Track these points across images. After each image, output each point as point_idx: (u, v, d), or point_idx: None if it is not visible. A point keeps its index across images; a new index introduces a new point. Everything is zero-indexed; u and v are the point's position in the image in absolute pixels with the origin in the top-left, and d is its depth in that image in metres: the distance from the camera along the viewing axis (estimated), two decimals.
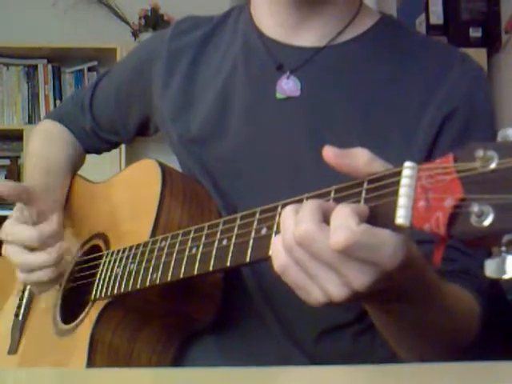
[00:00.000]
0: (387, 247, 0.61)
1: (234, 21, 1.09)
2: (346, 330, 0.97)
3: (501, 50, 3.31)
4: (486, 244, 0.56)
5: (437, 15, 3.33)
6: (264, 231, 0.71)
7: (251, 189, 0.98)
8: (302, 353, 0.97)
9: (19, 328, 1.14)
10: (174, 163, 1.05)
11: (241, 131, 1.00)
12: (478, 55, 3.22)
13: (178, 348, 0.99)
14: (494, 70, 3.33)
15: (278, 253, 0.65)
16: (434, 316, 0.76)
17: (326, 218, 0.63)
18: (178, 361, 0.99)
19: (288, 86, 0.99)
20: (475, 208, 0.54)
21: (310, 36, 1.00)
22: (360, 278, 0.62)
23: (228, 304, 0.98)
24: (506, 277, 0.53)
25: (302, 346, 0.97)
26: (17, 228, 1.04)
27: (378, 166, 0.64)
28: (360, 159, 0.65)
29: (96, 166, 1.38)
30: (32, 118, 3.61)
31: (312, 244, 0.63)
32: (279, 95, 0.99)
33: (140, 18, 3.60)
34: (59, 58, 3.66)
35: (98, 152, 1.31)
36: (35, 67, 3.65)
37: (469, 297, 0.86)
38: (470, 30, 3.28)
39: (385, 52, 0.99)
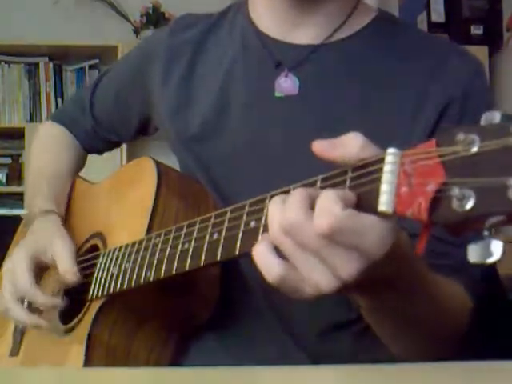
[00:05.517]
0: (374, 233, 0.59)
1: (233, 17, 1.09)
2: (347, 329, 0.97)
3: (502, 47, 3.30)
4: (469, 228, 0.54)
5: (438, 13, 3.32)
6: (253, 224, 0.71)
7: (249, 186, 0.97)
8: (302, 351, 0.97)
9: (20, 330, 1.14)
10: (174, 162, 1.05)
11: (239, 129, 1.00)
12: (480, 53, 3.21)
13: (176, 346, 0.99)
14: (495, 68, 3.33)
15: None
16: (425, 308, 0.75)
17: (314, 206, 0.62)
18: (177, 359, 0.99)
19: (286, 84, 0.99)
20: (456, 192, 0.53)
21: (306, 33, 1.00)
22: (348, 267, 0.60)
23: (227, 301, 0.97)
24: (490, 260, 0.53)
25: (302, 344, 0.97)
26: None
27: (372, 150, 0.62)
28: (352, 146, 0.63)
29: (96, 166, 1.38)
30: (33, 116, 3.62)
31: (299, 233, 0.61)
32: (277, 93, 0.99)
33: (141, 16, 3.61)
34: (60, 56, 3.66)
35: (99, 152, 1.32)
36: (36, 65, 3.66)
37: (460, 291, 0.85)
38: (472, 27, 3.27)
39: (382, 49, 0.99)
